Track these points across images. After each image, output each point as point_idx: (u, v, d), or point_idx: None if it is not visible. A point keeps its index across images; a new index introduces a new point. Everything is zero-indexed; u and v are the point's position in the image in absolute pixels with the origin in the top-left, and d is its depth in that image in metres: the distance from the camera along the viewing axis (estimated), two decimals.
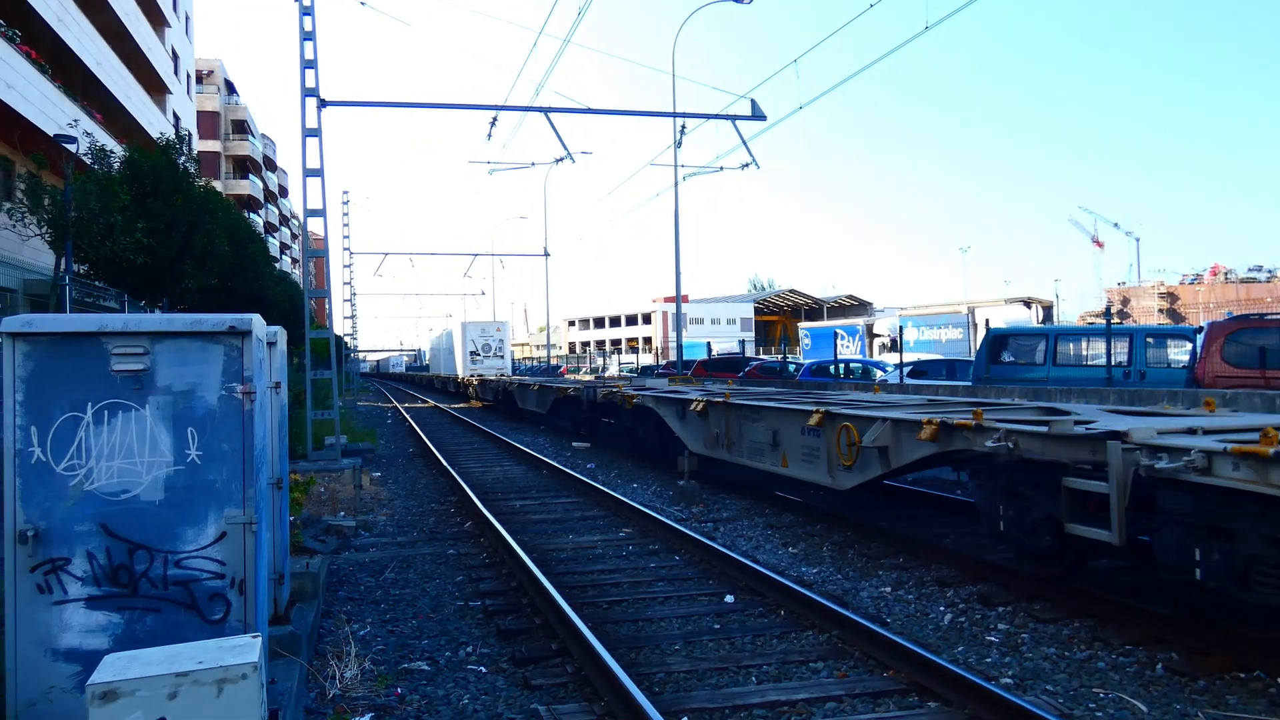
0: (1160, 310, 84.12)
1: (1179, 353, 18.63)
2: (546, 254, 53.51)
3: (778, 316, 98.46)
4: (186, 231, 18.90)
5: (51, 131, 20.92)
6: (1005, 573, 8.47)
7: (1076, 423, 7.25)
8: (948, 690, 5.70)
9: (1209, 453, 5.90)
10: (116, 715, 3.39)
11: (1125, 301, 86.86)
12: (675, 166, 28.64)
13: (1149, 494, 6.42)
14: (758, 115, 21.30)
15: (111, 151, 19.60)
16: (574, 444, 22.36)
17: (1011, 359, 19.67)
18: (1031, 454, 7.32)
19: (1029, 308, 45.58)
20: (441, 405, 43.96)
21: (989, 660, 6.58)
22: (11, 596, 4.38)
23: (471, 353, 47.24)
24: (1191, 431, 6.71)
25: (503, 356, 48.03)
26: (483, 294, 66.23)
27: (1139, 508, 6.48)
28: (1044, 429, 7.25)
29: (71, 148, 17.12)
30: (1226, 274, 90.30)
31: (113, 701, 3.39)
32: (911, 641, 6.52)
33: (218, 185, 51.03)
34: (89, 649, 4.41)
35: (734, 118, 21.50)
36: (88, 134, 19.64)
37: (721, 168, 26.76)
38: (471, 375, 44.99)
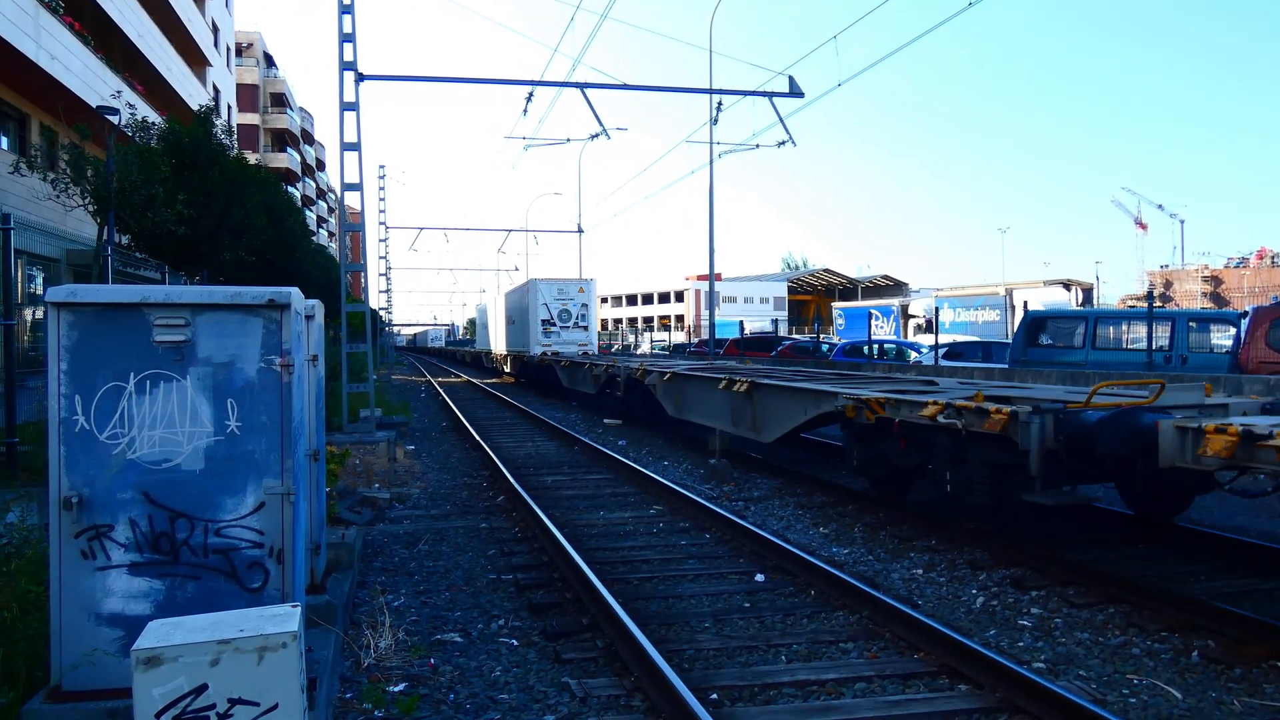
0: (1203, 294, 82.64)
1: (1222, 338, 18.31)
2: (580, 230, 53.41)
3: (811, 296, 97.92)
4: (224, 204, 19.05)
5: (94, 103, 21.14)
6: (1039, 557, 8.41)
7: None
8: (979, 673, 5.68)
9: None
10: (160, 680, 3.45)
11: (1168, 285, 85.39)
12: (711, 144, 28.47)
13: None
14: (795, 92, 21.09)
15: (153, 123, 19.79)
16: (605, 421, 22.42)
17: (1049, 342, 19.44)
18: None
19: (1068, 290, 44.98)
20: (474, 380, 44.24)
21: (1021, 644, 6.55)
22: (56, 561, 4.47)
23: (545, 321, 34.25)
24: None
25: (586, 326, 35.05)
26: (516, 270, 66.08)
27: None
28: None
29: (114, 119, 17.30)
30: (1274, 258, 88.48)
31: (156, 667, 3.46)
32: (942, 624, 6.50)
33: (255, 158, 51.31)
34: (131, 614, 4.51)
35: (771, 94, 21.30)
36: (130, 106, 19.83)
37: (758, 145, 26.52)
38: (546, 352, 32.85)
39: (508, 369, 42.78)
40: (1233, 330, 17.80)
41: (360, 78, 17.34)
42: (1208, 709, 5.42)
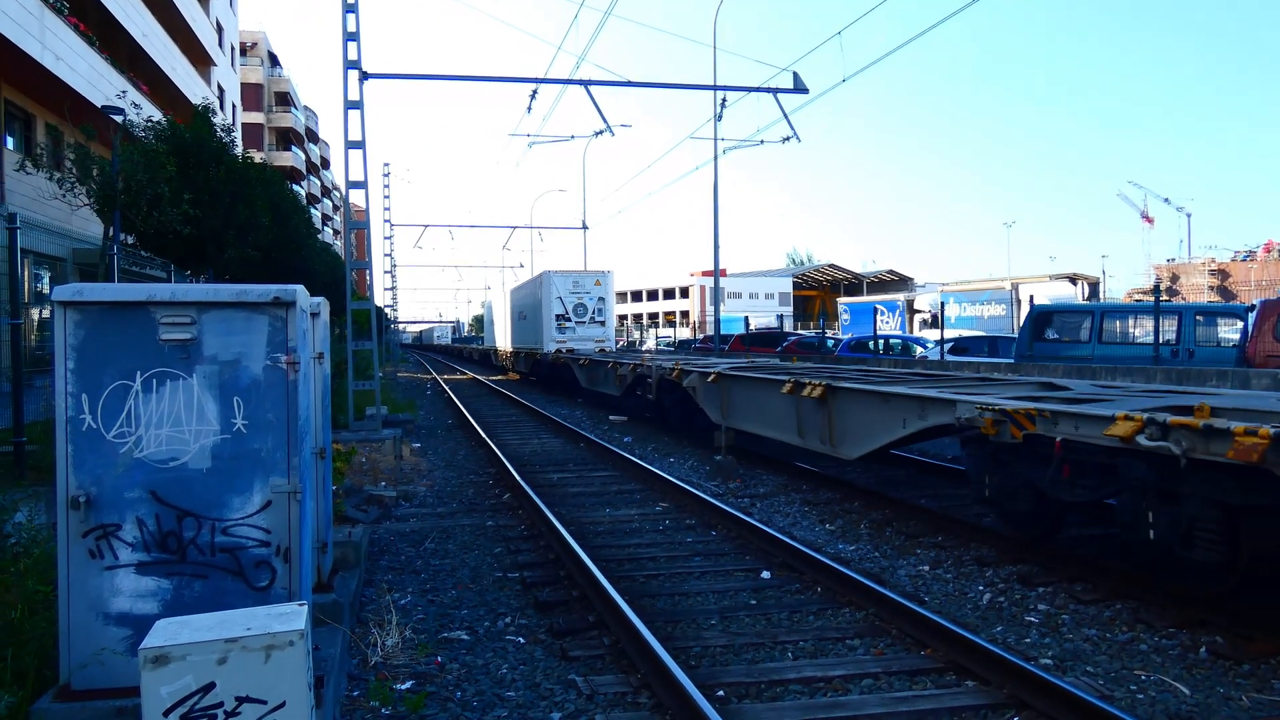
0: (1210, 288, 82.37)
1: (1229, 331, 18.27)
2: (585, 227, 53.38)
3: (816, 291, 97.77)
4: (230, 202, 19.10)
5: (99, 103, 21.16)
6: (1045, 553, 8.40)
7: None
8: (986, 670, 5.67)
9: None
10: (168, 679, 3.46)
11: (1174, 278, 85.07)
12: (715, 140, 28.42)
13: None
14: (800, 88, 21.04)
15: (158, 122, 19.83)
16: (611, 418, 22.43)
17: (1055, 336, 19.40)
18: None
19: (1074, 284, 44.90)
20: (480, 377, 44.28)
21: (1028, 641, 6.53)
22: (64, 561, 4.48)
23: (559, 316, 31.50)
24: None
25: (604, 321, 32.19)
26: (520, 266, 65.87)
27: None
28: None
29: (119, 119, 17.33)
30: None
31: (164, 665, 3.47)
32: (949, 620, 6.49)
33: (260, 157, 51.33)
34: (139, 613, 4.52)
35: (775, 90, 21.25)
36: (135, 105, 19.86)
37: (762, 141, 26.48)
38: (561, 349, 30.61)
39: (518, 368, 40.61)
40: (1240, 324, 17.74)
41: (364, 76, 17.33)
42: (1216, 704, 5.40)
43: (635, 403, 21.61)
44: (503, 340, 45.52)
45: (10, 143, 23.35)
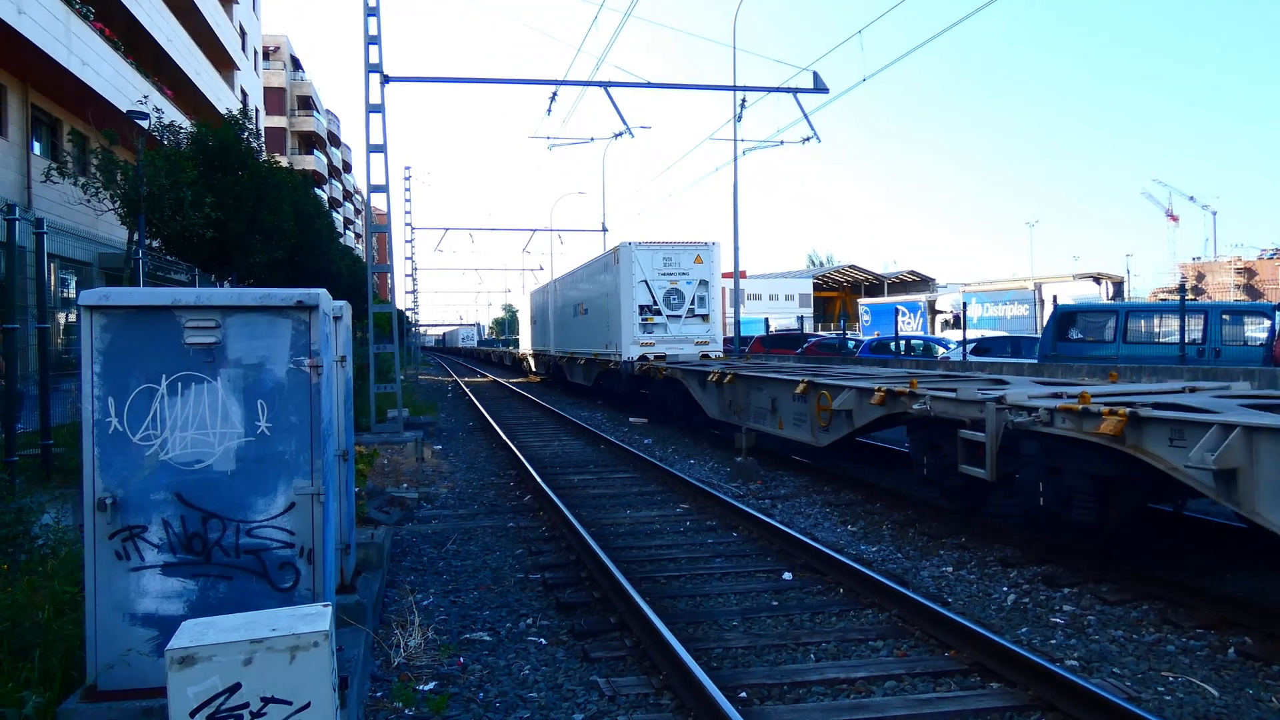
0: (1237, 286, 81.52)
1: (1257, 330, 18.07)
2: (605, 229, 53.37)
3: (837, 293, 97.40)
4: (254, 206, 19.25)
5: (124, 107, 21.39)
6: (1070, 554, 8.33)
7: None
8: (1011, 671, 5.64)
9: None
10: (194, 679, 3.49)
11: (1200, 277, 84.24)
12: (735, 141, 28.36)
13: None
14: (820, 88, 20.99)
15: (181, 128, 20.01)
16: (631, 419, 22.42)
17: (1080, 336, 19.26)
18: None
19: (1098, 284, 44.52)
20: (501, 380, 44.37)
21: (1054, 642, 6.48)
22: (91, 562, 4.52)
23: (644, 308, 23.12)
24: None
25: (707, 315, 23.74)
26: (541, 269, 66.13)
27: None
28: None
29: (143, 123, 17.51)
30: None
31: (191, 666, 3.49)
32: (973, 622, 6.45)
33: (283, 160, 51.72)
34: (165, 614, 4.55)
35: (795, 90, 21.21)
36: (158, 110, 20.06)
37: (782, 142, 26.40)
38: (648, 355, 22.55)
39: (573, 378, 31.15)
40: (1267, 322, 17.57)
41: (385, 80, 17.43)
42: (1245, 706, 5.34)
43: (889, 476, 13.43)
44: (542, 342, 37.00)
45: (37, 148, 23.62)
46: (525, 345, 40.71)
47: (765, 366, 17.48)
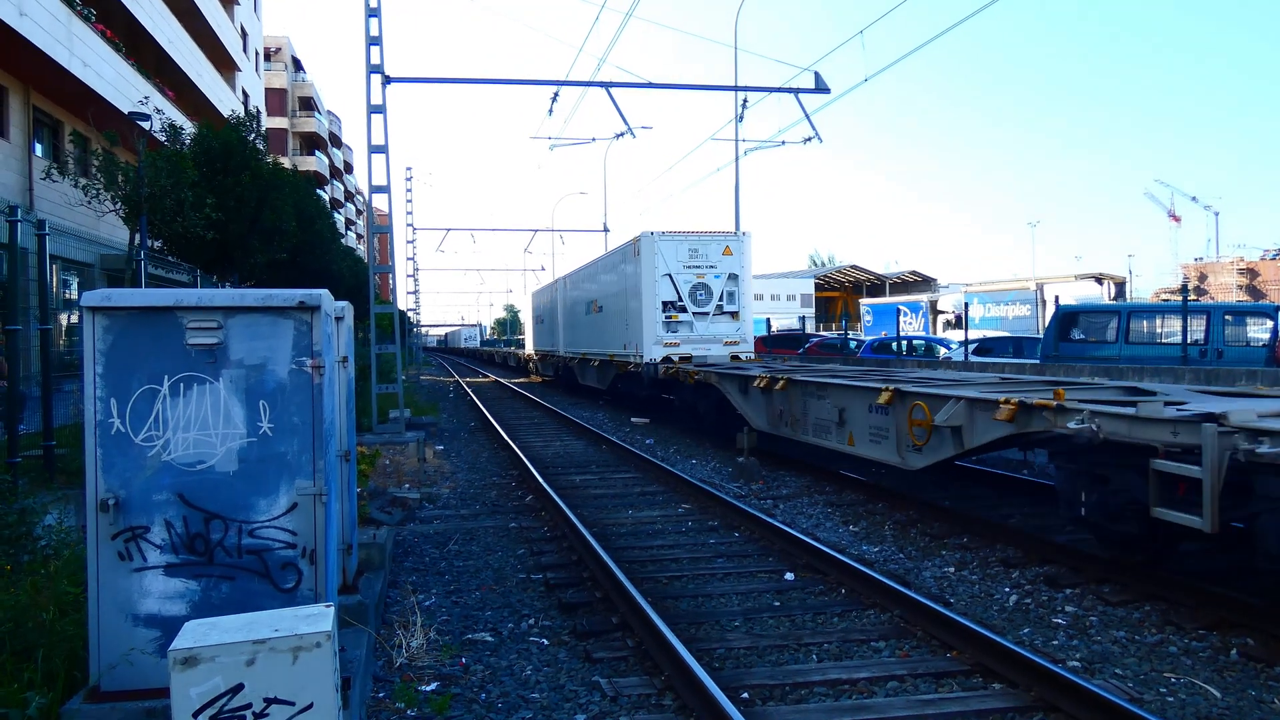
0: (1239, 287, 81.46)
1: (1259, 331, 18.06)
2: (606, 230, 53.39)
3: (838, 293, 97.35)
4: (255, 207, 19.26)
5: (125, 109, 21.43)
6: (1072, 554, 8.32)
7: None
8: (1013, 672, 5.63)
9: None
10: (197, 680, 3.49)
11: (1202, 278, 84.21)
12: (736, 141, 28.40)
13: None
14: (821, 88, 21.00)
15: (182, 128, 20.03)
16: (633, 419, 22.42)
17: (1082, 336, 19.25)
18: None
19: (1100, 284, 44.50)
20: (502, 380, 44.39)
21: (1055, 643, 6.48)
22: (94, 563, 4.53)
23: (668, 304, 21.35)
24: None
25: (737, 312, 21.84)
26: (542, 269, 66.01)
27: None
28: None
29: (144, 125, 17.53)
30: None
31: (193, 667, 3.49)
32: (975, 622, 6.45)
33: (285, 161, 51.71)
34: (167, 615, 4.56)
35: (797, 91, 21.22)
36: (160, 111, 20.08)
37: (783, 142, 26.41)
38: (672, 355, 20.73)
39: (585, 381, 29.10)
40: (1269, 323, 17.57)
41: (387, 80, 17.44)
42: (1248, 708, 5.34)
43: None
44: (549, 343, 35.04)
45: (39, 150, 23.64)
46: (529, 346, 37.88)
47: (824, 370, 15.74)
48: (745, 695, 5.56)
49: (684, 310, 21.11)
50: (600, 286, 26.33)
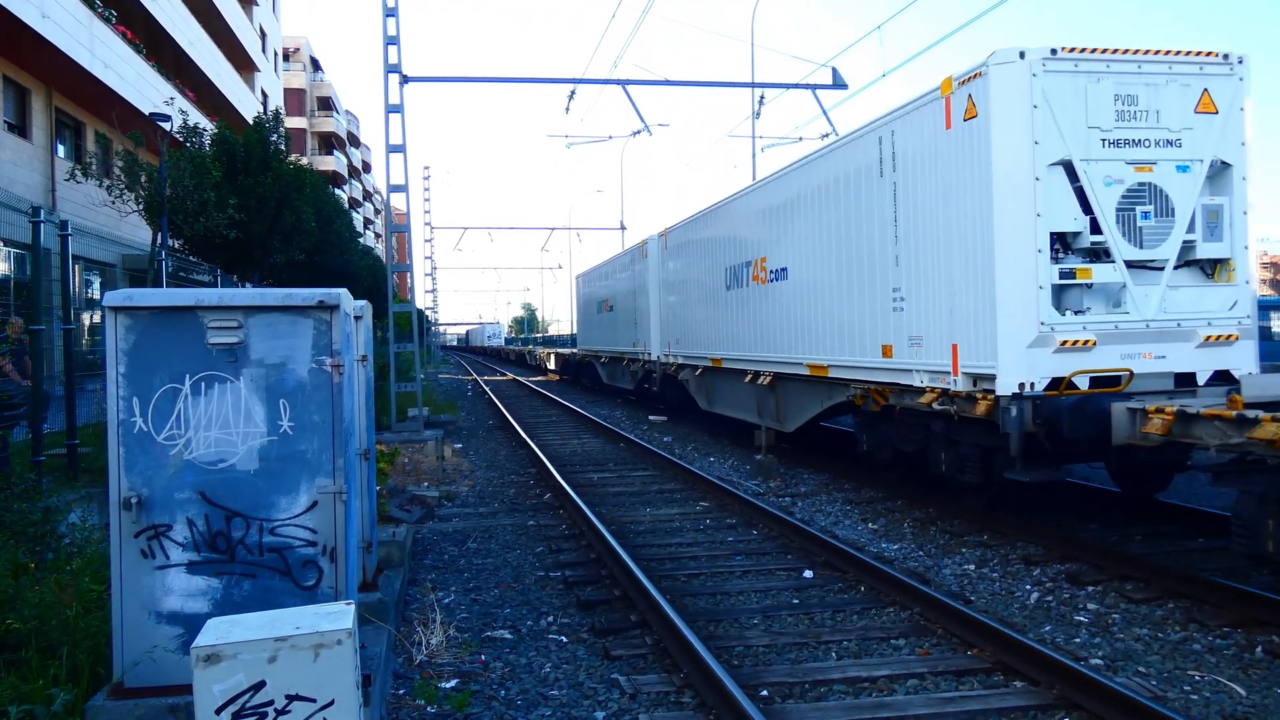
0: (1263, 281, 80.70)
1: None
2: (623, 228, 53.38)
3: None
4: (276, 208, 19.35)
5: (146, 110, 21.57)
6: (1094, 551, 8.26)
7: None
8: (1034, 670, 5.60)
9: None
10: (220, 677, 3.52)
11: None
12: (753, 138, 28.31)
13: None
14: (839, 84, 20.89)
15: (204, 130, 20.15)
16: (650, 417, 22.42)
17: None
18: None
19: None
20: (520, 378, 44.45)
21: (1078, 640, 6.43)
22: (117, 560, 4.57)
23: (1060, 239, 8.48)
24: None
25: (1229, 260, 8.84)
26: (559, 268, 66.21)
27: None
28: None
29: (165, 125, 17.64)
30: None
31: (216, 664, 3.52)
32: (996, 620, 6.42)
33: (303, 161, 51.94)
34: (189, 612, 4.59)
35: (814, 87, 21.12)
36: (182, 112, 20.20)
37: (801, 138, 26.33)
38: (1073, 370, 8.26)
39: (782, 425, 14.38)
40: None
41: (405, 80, 17.49)
42: (1273, 705, 5.29)
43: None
44: (609, 339, 26.63)
45: (61, 150, 23.84)
46: (605, 343, 27.78)
47: None
48: (764, 693, 5.55)
49: (1103, 253, 8.73)
50: (811, 219, 12.63)
